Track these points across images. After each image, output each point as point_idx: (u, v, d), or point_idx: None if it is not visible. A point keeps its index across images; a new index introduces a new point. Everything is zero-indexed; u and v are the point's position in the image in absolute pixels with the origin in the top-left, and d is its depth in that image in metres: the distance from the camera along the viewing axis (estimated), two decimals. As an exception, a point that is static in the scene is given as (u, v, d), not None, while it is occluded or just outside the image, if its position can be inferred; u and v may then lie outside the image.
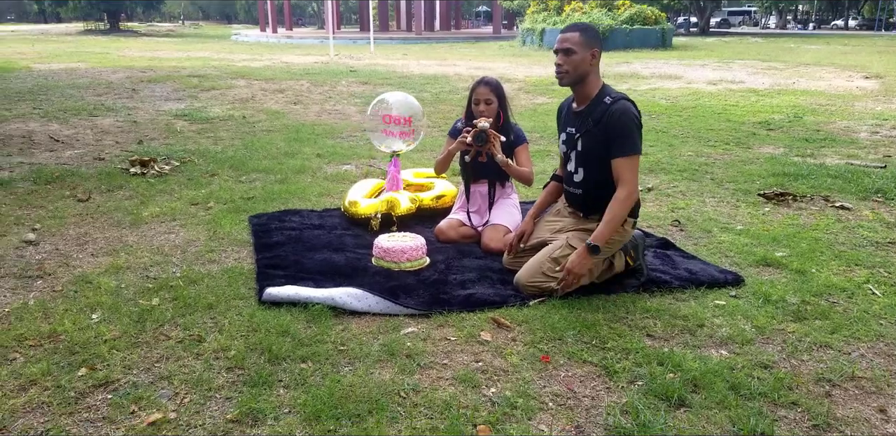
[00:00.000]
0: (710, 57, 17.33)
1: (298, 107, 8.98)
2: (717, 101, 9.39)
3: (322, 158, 5.73)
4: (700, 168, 5.43)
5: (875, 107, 8.83)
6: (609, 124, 2.77)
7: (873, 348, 2.50)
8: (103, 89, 9.93)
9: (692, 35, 32.03)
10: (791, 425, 2.01)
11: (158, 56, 17.06)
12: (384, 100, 4.00)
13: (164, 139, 6.53)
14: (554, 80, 3.05)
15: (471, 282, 3.01)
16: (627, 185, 2.78)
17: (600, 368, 2.32)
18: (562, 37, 2.83)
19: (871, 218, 4.12)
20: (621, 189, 2.79)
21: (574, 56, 2.78)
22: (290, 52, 20.50)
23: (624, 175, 2.78)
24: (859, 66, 14.18)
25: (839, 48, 20.73)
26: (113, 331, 2.51)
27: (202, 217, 3.98)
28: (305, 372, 2.23)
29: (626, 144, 2.76)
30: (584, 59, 2.79)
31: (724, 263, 3.34)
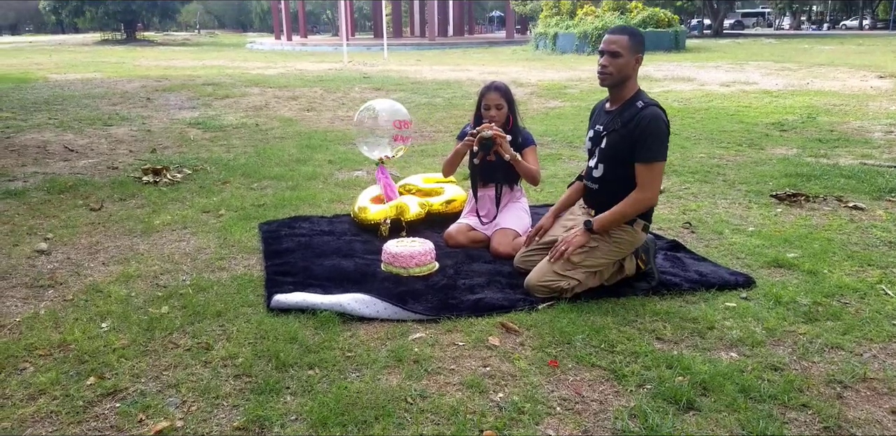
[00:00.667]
0: (723, 58, 17.23)
1: (311, 114, 9.04)
2: (729, 103, 9.33)
3: (334, 165, 5.77)
4: (712, 170, 5.40)
5: (889, 106, 8.73)
6: (638, 128, 2.80)
7: (885, 349, 2.46)
8: (118, 99, 10.06)
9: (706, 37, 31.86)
10: (801, 427, 1.99)
11: (174, 65, 17.26)
12: (371, 108, 3.97)
13: (177, 148, 6.60)
14: (566, 83, 3.11)
15: (479, 287, 3.01)
16: (646, 190, 2.83)
17: (609, 372, 2.31)
18: (610, 38, 2.85)
19: (884, 218, 4.07)
20: (639, 191, 2.84)
21: (620, 59, 2.82)
22: (304, 59, 20.65)
23: (644, 179, 2.83)
24: (873, 65, 14.03)
25: (853, 48, 20.52)
26: (122, 339, 2.54)
27: (213, 225, 4.02)
28: (313, 379, 2.24)
29: (652, 149, 2.79)
30: (629, 64, 2.84)
31: (736, 264, 3.32)
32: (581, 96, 10.34)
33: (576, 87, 11.37)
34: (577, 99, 10.12)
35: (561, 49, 21.54)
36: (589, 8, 22.81)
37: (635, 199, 2.84)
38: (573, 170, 5.38)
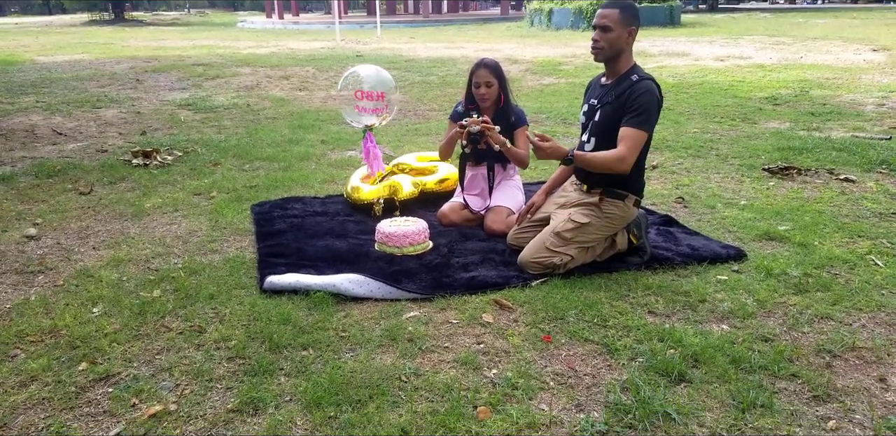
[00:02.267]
0: (718, 33, 17.07)
1: (304, 93, 8.96)
2: (723, 78, 9.27)
3: (326, 145, 5.73)
4: (705, 145, 5.38)
5: (882, 79, 8.69)
6: (630, 99, 2.80)
7: (874, 319, 2.49)
8: (107, 80, 9.94)
9: (701, 12, 31.55)
10: (791, 396, 2.02)
11: (163, 45, 17.04)
12: (356, 73, 3.92)
13: (167, 129, 6.55)
14: (561, 60, 3.09)
15: (473, 265, 3.02)
16: (624, 150, 2.78)
17: (601, 346, 2.32)
18: (601, 13, 2.84)
19: (875, 190, 4.08)
20: (618, 150, 2.80)
21: (611, 33, 2.81)
22: (296, 38, 20.39)
23: (626, 142, 2.79)
24: (867, 39, 13.92)
25: (847, 22, 20.35)
26: (114, 324, 2.54)
27: (204, 207, 4.00)
28: (307, 360, 2.25)
29: (640, 118, 2.78)
30: (621, 37, 2.82)
31: (728, 238, 3.33)
32: (576, 73, 10.25)
33: (570, 64, 11.28)
34: (571, 75, 10.04)
35: (556, 25, 21.29)
36: (582, -18, 22.49)
37: (614, 157, 2.79)
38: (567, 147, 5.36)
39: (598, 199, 2.96)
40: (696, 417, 1.92)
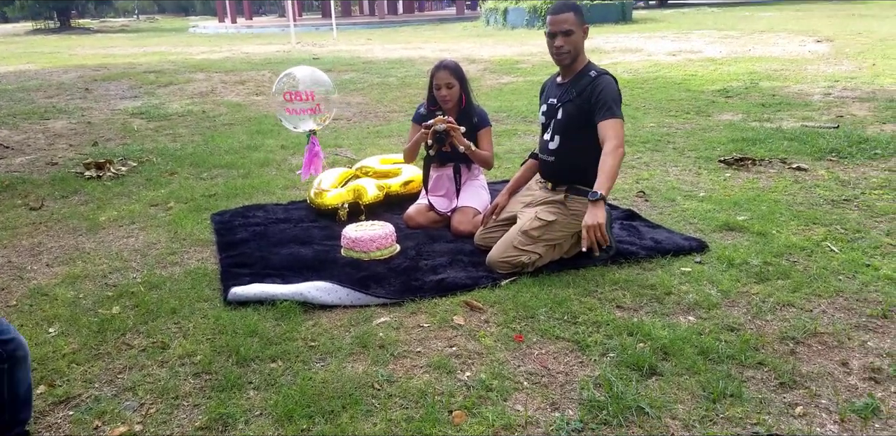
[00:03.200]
0: (668, 28, 17.39)
1: (261, 98, 8.83)
2: (676, 72, 9.44)
3: (286, 150, 5.66)
4: (662, 138, 5.47)
5: (827, 69, 8.96)
6: (593, 94, 2.83)
7: (833, 304, 2.56)
8: (54, 91, 9.65)
9: (651, 8, 32.09)
10: (759, 384, 2.05)
11: (112, 53, 16.61)
12: (291, 74, 3.85)
13: (120, 139, 6.39)
14: (518, 58, 3.09)
15: (442, 266, 3.01)
16: (614, 139, 2.75)
17: (573, 343, 2.34)
18: (557, 19, 2.87)
19: (826, 177, 4.20)
20: (609, 143, 2.75)
21: (573, 36, 2.87)
22: (250, 42, 20.09)
23: (609, 133, 2.77)
24: (811, 30, 14.34)
25: (791, 14, 20.93)
26: (72, 344, 2.45)
27: (162, 218, 3.91)
28: (276, 372, 2.21)
29: (612, 110, 2.80)
30: (580, 38, 2.90)
31: (689, 230, 3.38)
32: (533, 71, 10.32)
33: (528, 62, 11.35)
34: (529, 73, 10.11)
35: (512, 24, 21.41)
36: (535, -19, 22.67)
37: (612, 150, 2.72)
38: (529, 145, 5.39)
39: (564, 196, 2.98)
40: (668, 409, 1.95)
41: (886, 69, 8.63)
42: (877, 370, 2.11)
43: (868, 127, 5.56)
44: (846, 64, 9.34)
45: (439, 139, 3.31)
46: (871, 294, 2.61)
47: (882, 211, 3.53)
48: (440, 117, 3.33)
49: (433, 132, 3.29)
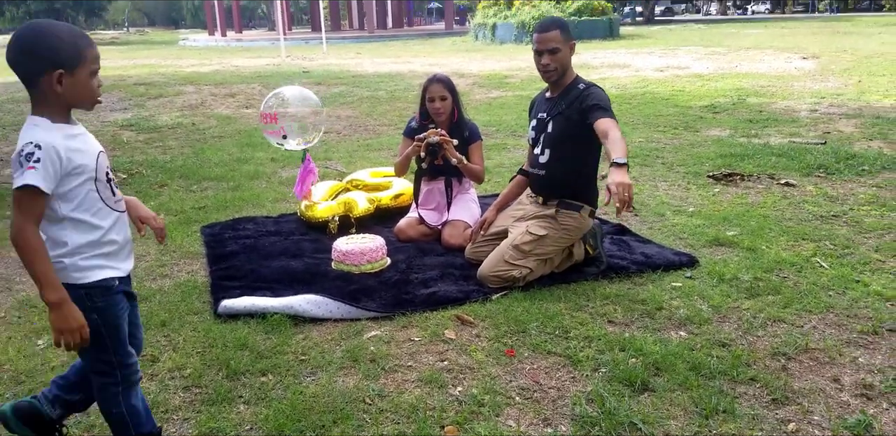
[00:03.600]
0: (656, 45, 17.60)
1: (251, 111, 8.82)
2: (664, 88, 9.55)
3: (276, 163, 5.65)
4: (651, 153, 5.52)
5: (813, 86, 9.10)
6: (584, 102, 2.85)
7: (824, 320, 2.57)
8: (43, 103, 9.59)
9: (638, 24, 32.51)
10: (751, 401, 2.06)
11: (102, 65, 16.48)
12: (280, 94, 3.85)
13: (109, 151, 6.34)
14: (507, 73, 3.11)
15: (433, 280, 3.00)
16: (616, 130, 2.68)
17: (564, 358, 2.33)
18: (543, 37, 2.89)
19: (814, 193, 4.24)
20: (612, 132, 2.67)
21: (559, 54, 2.90)
22: (240, 55, 20.13)
23: (609, 125, 2.69)
24: (797, 47, 14.57)
25: (777, 31, 21.28)
26: (61, 357, 2.42)
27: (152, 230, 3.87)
28: (266, 386, 2.19)
29: (605, 111, 2.78)
30: (566, 54, 2.93)
31: (679, 245, 3.40)
32: (522, 85, 10.40)
33: (516, 77, 11.44)
34: (518, 88, 10.18)
35: (500, 39, 21.60)
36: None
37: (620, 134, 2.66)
38: (519, 159, 5.42)
39: (555, 211, 2.99)
40: (661, 425, 1.94)
41: (872, 86, 8.78)
42: (868, 387, 2.12)
43: (855, 143, 5.63)
44: (832, 81, 9.50)
45: (432, 152, 3.32)
46: (861, 310, 2.63)
47: (870, 227, 3.57)
48: (433, 130, 3.35)
49: (426, 145, 3.30)
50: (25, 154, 1.47)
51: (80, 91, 1.57)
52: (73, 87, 1.54)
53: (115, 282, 1.64)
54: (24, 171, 1.46)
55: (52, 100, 1.54)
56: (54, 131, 1.53)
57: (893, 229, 3.52)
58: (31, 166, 1.46)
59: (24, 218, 1.48)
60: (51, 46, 1.52)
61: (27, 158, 1.46)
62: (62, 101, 1.55)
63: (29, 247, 1.48)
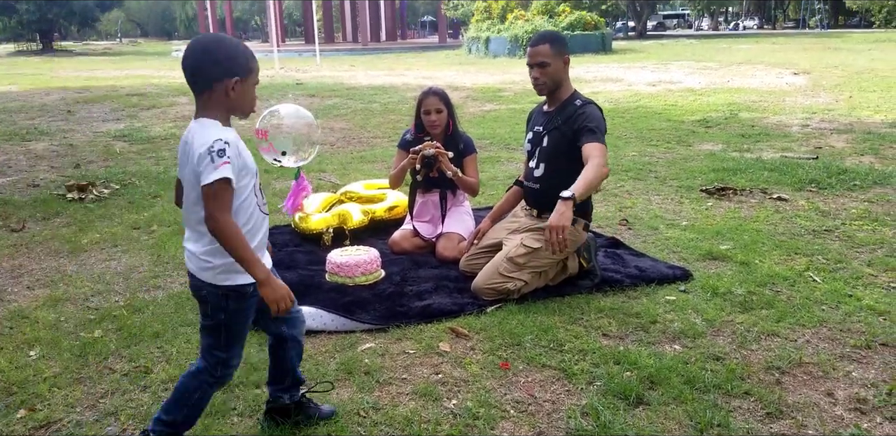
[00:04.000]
0: (648, 59, 17.77)
1: (244, 122, 8.81)
2: (657, 102, 9.63)
3: (270, 174, 5.64)
4: (644, 167, 5.55)
5: (804, 101, 9.19)
6: (579, 120, 2.88)
7: (817, 334, 2.58)
8: (36, 112, 9.58)
9: (630, 39, 32.83)
10: (745, 415, 2.06)
11: (95, 75, 16.58)
12: (276, 111, 3.86)
13: (102, 162, 6.34)
14: (500, 87, 3.14)
15: (427, 292, 3.00)
16: (598, 157, 2.72)
17: (559, 371, 2.33)
18: (533, 51, 2.93)
19: (807, 208, 4.28)
20: (593, 160, 2.72)
21: (549, 68, 2.93)
22: (232, 67, 20.16)
23: (594, 153, 2.75)
24: (788, 63, 14.74)
25: (768, 47, 21.52)
26: (53, 368, 2.41)
27: (145, 242, 3.87)
28: (260, 398, 2.17)
29: (596, 135, 2.83)
30: (558, 68, 2.94)
31: (672, 258, 3.41)
32: (515, 99, 10.47)
33: (510, 90, 11.51)
34: (511, 102, 10.25)
35: (493, 53, 21.78)
36: (518, 12, 23.14)
37: (595, 165, 2.70)
38: (512, 172, 5.44)
39: None
40: (656, 439, 1.94)
41: (863, 102, 8.88)
42: (862, 401, 2.12)
43: (846, 158, 5.69)
44: (823, 96, 9.60)
45: (428, 164, 3.34)
46: (854, 324, 2.64)
47: (862, 242, 3.60)
48: (429, 142, 3.36)
49: (422, 157, 3.32)
50: (217, 150, 1.60)
51: (245, 99, 1.72)
52: (242, 94, 1.70)
53: (250, 288, 1.74)
54: (219, 165, 1.59)
55: (221, 105, 1.69)
56: (229, 132, 1.66)
57: (885, 244, 3.55)
58: (227, 161, 1.60)
59: (221, 208, 1.61)
60: (231, 55, 1.68)
61: (219, 154, 1.60)
62: (229, 106, 1.71)
63: (231, 234, 1.62)
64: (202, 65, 1.66)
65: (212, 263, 1.70)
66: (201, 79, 1.67)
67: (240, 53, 1.69)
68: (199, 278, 1.73)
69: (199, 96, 1.69)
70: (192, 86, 1.68)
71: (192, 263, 1.74)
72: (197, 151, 1.61)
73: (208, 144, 1.60)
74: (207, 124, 1.67)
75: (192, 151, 1.63)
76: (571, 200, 2.57)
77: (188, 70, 1.67)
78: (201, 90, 1.68)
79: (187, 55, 1.67)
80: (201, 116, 1.69)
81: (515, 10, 23.54)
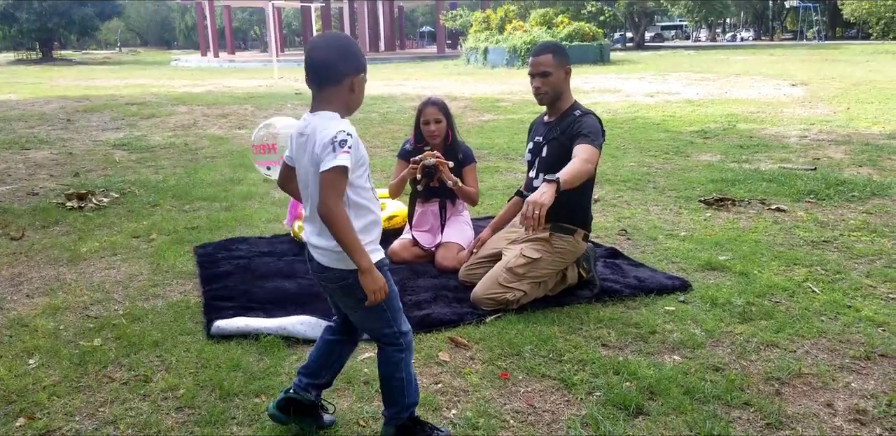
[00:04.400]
0: (646, 70, 17.86)
1: (243, 132, 8.85)
2: (655, 113, 9.67)
3: (269, 184, 5.64)
4: (643, 178, 5.57)
5: (802, 113, 9.24)
6: (576, 127, 2.90)
7: (817, 345, 2.58)
8: (36, 121, 9.60)
9: (628, 50, 33.02)
10: (745, 425, 2.06)
11: (94, 84, 16.63)
12: (271, 124, 3.88)
13: (102, 171, 6.34)
14: (499, 97, 3.17)
15: (426, 302, 3.00)
16: (584, 154, 2.76)
17: (559, 381, 2.33)
18: (535, 61, 2.96)
19: (805, 219, 4.29)
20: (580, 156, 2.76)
21: (551, 77, 2.95)
22: (232, 76, 20.25)
23: (581, 154, 2.78)
24: (785, 74, 14.83)
25: (766, 58, 21.66)
26: (52, 376, 2.40)
27: (144, 250, 3.87)
28: (260, 407, 2.17)
29: (590, 138, 2.85)
30: (559, 78, 2.96)
31: (671, 269, 3.42)
32: (514, 109, 10.51)
33: (508, 101, 11.56)
34: (510, 112, 10.29)
35: (492, 63, 21.87)
36: (517, 23, 23.28)
37: (583, 161, 2.74)
38: (511, 182, 5.45)
39: (549, 234, 3.00)
40: (656, 450, 1.94)
41: (861, 113, 8.93)
42: (862, 412, 2.12)
43: (845, 169, 5.71)
44: (821, 107, 9.65)
45: (428, 174, 3.35)
46: (853, 335, 2.64)
47: (861, 253, 3.60)
48: (429, 152, 3.38)
49: (422, 166, 3.33)
50: (340, 141, 1.69)
51: (361, 95, 1.84)
52: (360, 90, 1.82)
53: (386, 261, 1.87)
54: (339, 154, 1.68)
55: (343, 100, 1.80)
56: (350, 125, 1.75)
57: (884, 255, 3.56)
58: (347, 151, 1.69)
59: (335, 195, 1.70)
60: (357, 53, 1.80)
61: (341, 144, 1.69)
62: (349, 100, 1.81)
63: (342, 220, 1.70)
64: (335, 61, 1.75)
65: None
66: (333, 74, 1.76)
67: (360, 51, 1.81)
68: (339, 269, 1.80)
69: (321, 91, 1.78)
70: (320, 81, 1.76)
71: (326, 257, 1.82)
72: (321, 140, 1.71)
73: (332, 134, 1.70)
74: (329, 117, 1.76)
75: (315, 140, 1.72)
76: (556, 184, 2.61)
77: (320, 65, 1.75)
78: (328, 85, 1.77)
79: (318, 51, 1.76)
80: (322, 109, 1.77)
81: (514, 20, 23.69)
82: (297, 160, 1.83)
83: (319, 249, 1.82)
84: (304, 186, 1.84)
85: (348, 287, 1.81)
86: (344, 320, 2.00)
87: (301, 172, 1.83)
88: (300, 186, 1.86)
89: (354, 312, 1.89)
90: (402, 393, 1.92)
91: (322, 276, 1.86)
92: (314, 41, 1.82)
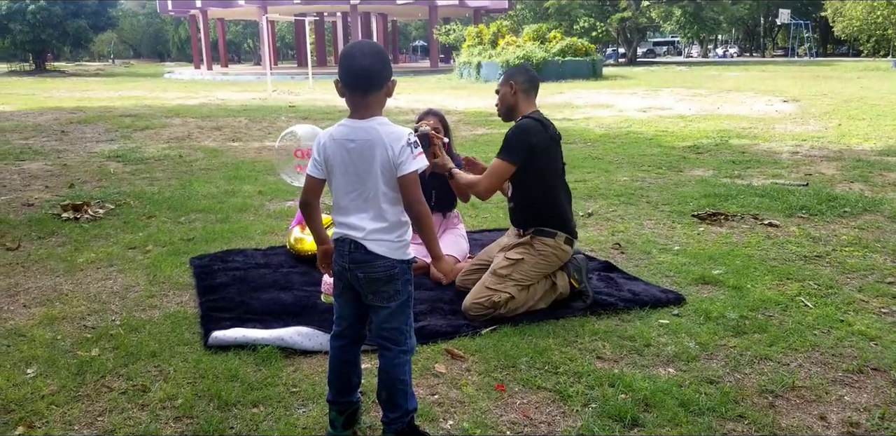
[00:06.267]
0: (638, 85, 18.04)
1: (237, 144, 8.87)
2: (647, 128, 9.76)
3: (264, 196, 5.67)
4: (636, 192, 5.62)
5: (794, 129, 9.35)
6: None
7: (810, 358, 2.61)
8: (30, 132, 9.60)
9: (621, 65, 33.35)
10: (740, 438, 2.07)
11: (88, 96, 16.63)
12: (294, 133, 3.93)
13: (96, 182, 6.34)
14: (492, 111, 3.33)
15: (422, 314, 3.01)
16: (482, 178, 3.08)
17: (554, 393, 2.35)
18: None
19: (798, 234, 4.34)
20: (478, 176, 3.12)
21: (499, 94, 3.19)
22: (226, 88, 20.31)
23: (487, 170, 3.08)
24: (777, 90, 15.02)
25: (758, 74, 21.93)
26: (51, 385, 2.40)
27: (140, 261, 3.87)
28: (258, 417, 2.18)
29: (501, 149, 3.06)
30: (506, 93, 3.15)
31: (665, 282, 3.45)
32: (507, 123, 10.57)
33: (502, 114, 11.63)
34: (503, 126, 10.16)
35: (485, 78, 22.03)
36: (510, 38, 23.50)
37: (470, 179, 3.12)
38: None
39: (530, 238, 3.09)
40: (652, 461, 1.95)
41: (852, 129, 9.05)
42: (855, 425, 2.15)
43: (836, 185, 5.78)
44: (813, 123, 9.77)
45: (421, 142, 3.38)
46: (846, 349, 2.67)
47: (853, 267, 3.65)
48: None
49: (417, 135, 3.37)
50: (412, 142, 1.81)
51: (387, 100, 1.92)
52: (391, 94, 1.91)
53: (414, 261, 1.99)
54: (416, 155, 1.81)
55: (381, 104, 1.89)
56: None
57: (876, 270, 3.60)
58: (421, 152, 1.83)
59: (421, 194, 1.86)
60: (389, 59, 1.89)
61: (415, 146, 1.81)
62: (384, 104, 1.90)
63: (430, 217, 1.89)
64: (381, 67, 1.83)
65: (404, 239, 1.91)
66: (379, 80, 1.83)
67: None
68: (389, 258, 1.88)
69: (364, 97, 1.84)
70: (368, 88, 1.83)
71: (384, 247, 1.88)
72: (393, 143, 1.80)
73: (404, 137, 1.81)
74: (385, 121, 1.85)
75: (384, 145, 1.80)
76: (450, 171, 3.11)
77: (370, 72, 1.83)
78: (373, 91, 1.84)
79: (366, 59, 1.82)
80: (370, 115, 1.85)
81: (507, 35, 23.90)
82: (338, 166, 1.87)
83: (379, 241, 1.88)
84: (350, 189, 1.88)
85: (394, 276, 1.90)
86: (350, 326, 2.04)
87: (349, 176, 1.87)
88: (344, 190, 1.89)
89: (388, 303, 1.92)
90: (405, 396, 1.96)
91: (368, 265, 1.89)
92: (357, 50, 1.85)
